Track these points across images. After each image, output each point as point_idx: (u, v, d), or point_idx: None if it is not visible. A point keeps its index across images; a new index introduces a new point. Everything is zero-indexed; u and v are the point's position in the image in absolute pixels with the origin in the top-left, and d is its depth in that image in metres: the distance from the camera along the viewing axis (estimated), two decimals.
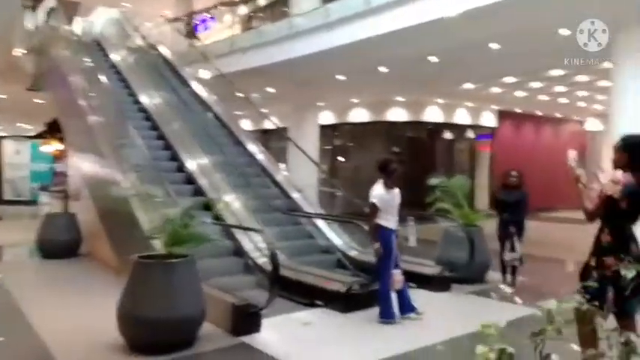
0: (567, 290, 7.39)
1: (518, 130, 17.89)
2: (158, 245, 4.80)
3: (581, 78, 12.18)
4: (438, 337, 4.60)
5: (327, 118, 14.83)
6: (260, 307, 4.63)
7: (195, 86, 10.31)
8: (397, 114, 14.85)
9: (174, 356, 4.06)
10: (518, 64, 10.41)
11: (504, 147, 16.92)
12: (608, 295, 3.08)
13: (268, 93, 13.13)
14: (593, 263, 3.24)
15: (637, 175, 3.12)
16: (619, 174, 3.20)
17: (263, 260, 6.29)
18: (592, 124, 19.75)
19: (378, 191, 5.03)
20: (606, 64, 10.00)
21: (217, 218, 6.05)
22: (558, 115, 18.77)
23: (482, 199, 14.77)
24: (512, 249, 6.39)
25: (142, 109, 9.16)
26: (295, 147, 10.91)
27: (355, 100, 14.89)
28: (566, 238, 11.05)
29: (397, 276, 5.01)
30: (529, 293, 6.32)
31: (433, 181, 6.96)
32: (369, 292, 5.43)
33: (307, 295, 5.62)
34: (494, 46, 8.95)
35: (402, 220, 5.52)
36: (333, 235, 7.50)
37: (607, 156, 15.08)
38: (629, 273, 3.06)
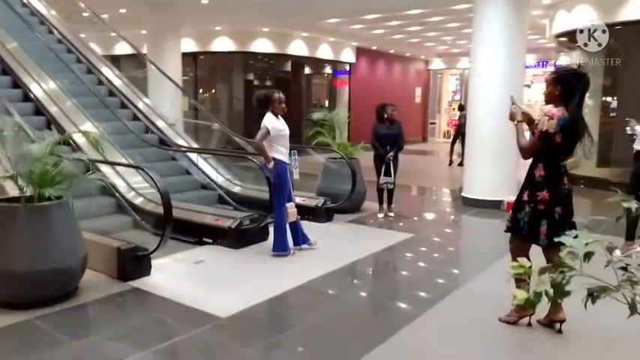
0: (430, 215, 8.21)
1: (373, 67, 18.71)
2: (9, 187, 4.11)
3: (435, 19, 12.93)
4: (333, 265, 4.78)
5: (188, 45, 13.75)
6: (150, 251, 4.28)
7: (32, 1, 8.69)
8: (262, 45, 14.38)
9: (53, 310, 3.59)
10: (382, 1, 10.64)
11: (361, 83, 17.63)
12: (542, 228, 3.19)
13: (120, 14, 11.65)
14: (525, 197, 3.27)
15: (569, 108, 3.14)
16: (553, 108, 3.21)
17: (140, 200, 5.80)
18: (436, 64, 21.49)
19: (269, 119, 4.87)
20: (460, 6, 10.81)
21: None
22: (408, 54, 20.00)
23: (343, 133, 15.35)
24: (388, 173, 6.73)
25: None
26: (156, 77, 10.00)
27: (218, 28, 13.99)
28: (415, 167, 12.17)
29: (291, 209, 5.01)
30: (399, 218, 6.89)
31: (316, 115, 6.96)
32: (259, 226, 5.36)
33: (194, 233, 5.36)
34: None
35: None
36: (212, 171, 7.18)
37: (446, 91, 16.35)
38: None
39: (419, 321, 3.58)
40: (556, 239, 1.49)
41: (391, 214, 6.91)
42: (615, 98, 10.32)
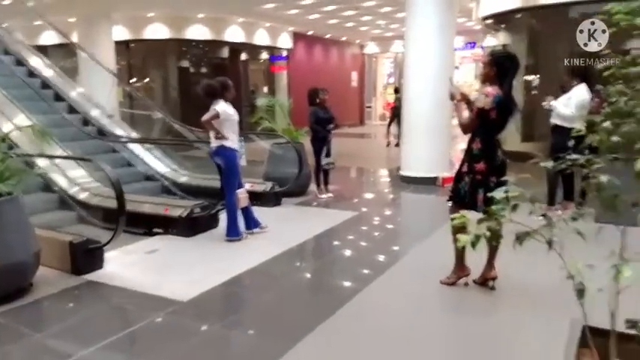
0: (371, 194, 8.58)
1: (311, 52, 18.88)
2: None
3: (368, 3, 13.26)
4: (283, 247, 4.99)
5: (120, 33, 13.30)
6: (102, 243, 4.29)
7: None
8: (198, 32, 14.15)
9: (11, 306, 3.57)
10: None
11: (299, 68, 17.77)
12: (479, 196, 3.49)
13: (46, 3, 11.08)
14: (465, 169, 3.59)
15: (503, 87, 3.46)
16: (488, 87, 3.50)
17: (85, 194, 5.73)
18: (371, 48, 21.95)
19: (221, 105, 4.98)
20: None
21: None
22: (343, 39, 20.32)
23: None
24: (328, 154, 7.04)
25: None
26: (88, 67, 9.71)
27: (151, 15, 13.61)
28: (354, 149, 12.57)
29: (242, 194, 5.15)
30: (343, 198, 7.19)
31: (260, 101, 7.07)
32: (210, 214, 5.46)
33: (144, 224, 5.38)
34: None
35: None
36: (155, 161, 7.15)
37: (381, 74, 16.90)
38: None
39: (366, 290, 3.86)
40: (489, 194, 1.76)
41: (330, 194, 7.21)
42: (537, 77, 11.09)
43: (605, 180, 1.57)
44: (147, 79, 15.61)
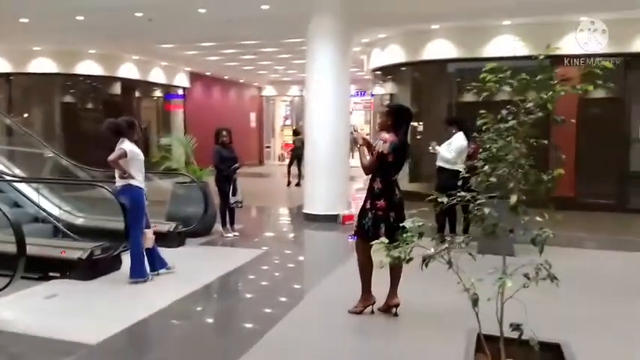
0: (276, 232, 8.83)
1: (208, 92, 18.98)
2: None
3: (268, 49, 13.81)
4: (194, 286, 4.98)
5: (1, 65, 12.38)
6: None
7: None
8: (88, 67, 13.62)
9: None
10: (219, 31, 11.11)
11: (196, 107, 17.74)
12: (381, 230, 3.85)
13: None
14: (368, 206, 3.97)
15: (399, 134, 3.96)
16: (386, 134, 3.96)
17: None
18: (268, 90, 22.59)
19: (128, 144, 4.94)
20: (292, 40, 11.80)
21: None
22: (242, 81, 20.73)
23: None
24: (235, 193, 7.15)
25: None
26: None
27: (38, 48, 12.88)
28: (255, 188, 12.73)
29: (148, 234, 5.07)
30: (248, 237, 7.31)
31: (163, 140, 7.03)
32: (113, 255, 5.29)
33: (38, 269, 5.05)
34: (202, 10, 9.34)
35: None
36: (46, 202, 6.74)
37: (279, 116, 17.62)
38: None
39: (277, 327, 3.98)
40: (401, 224, 2.08)
41: (236, 233, 7.30)
42: (421, 123, 12.23)
43: (487, 212, 1.97)
44: (26, 115, 14.50)
